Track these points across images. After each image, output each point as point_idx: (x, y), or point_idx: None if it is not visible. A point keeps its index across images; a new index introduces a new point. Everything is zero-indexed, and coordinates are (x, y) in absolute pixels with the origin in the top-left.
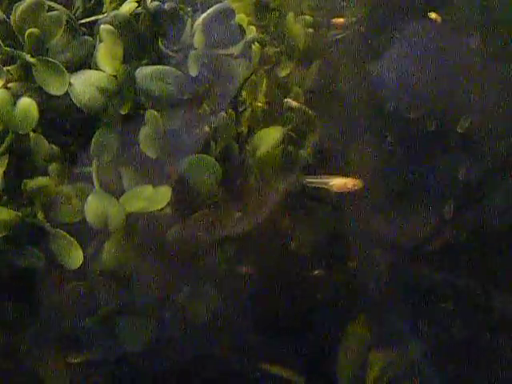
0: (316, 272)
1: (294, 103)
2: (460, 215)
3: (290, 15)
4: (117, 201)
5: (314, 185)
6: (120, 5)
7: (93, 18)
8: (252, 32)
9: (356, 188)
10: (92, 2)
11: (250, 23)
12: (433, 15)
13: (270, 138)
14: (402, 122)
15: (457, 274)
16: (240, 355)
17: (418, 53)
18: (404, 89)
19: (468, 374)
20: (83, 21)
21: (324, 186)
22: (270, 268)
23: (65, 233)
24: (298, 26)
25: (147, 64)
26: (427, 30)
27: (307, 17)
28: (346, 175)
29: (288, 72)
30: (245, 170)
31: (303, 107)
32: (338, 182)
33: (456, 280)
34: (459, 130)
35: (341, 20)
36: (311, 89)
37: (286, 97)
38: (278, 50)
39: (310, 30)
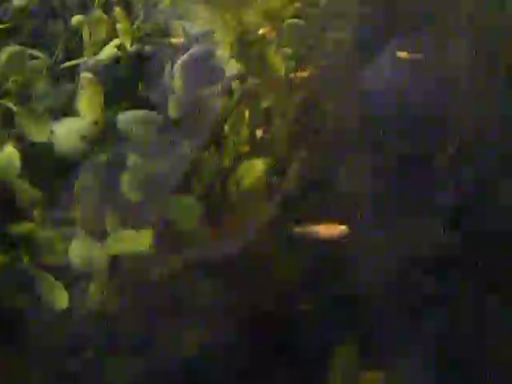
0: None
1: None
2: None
3: (272, 47)
4: (100, 244)
5: (301, 234)
6: (101, 48)
7: (74, 63)
8: (233, 67)
9: (342, 234)
10: (74, 46)
11: (232, 56)
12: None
13: (253, 170)
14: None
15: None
16: None
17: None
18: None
19: None
20: (65, 65)
21: (311, 234)
22: (257, 301)
23: (50, 275)
24: (278, 59)
25: (129, 108)
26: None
27: (288, 49)
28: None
29: (270, 104)
30: (229, 205)
31: (285, 138)
32: (324, 230)
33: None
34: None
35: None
36: (294, 119)
37: (268, 128)
38: (260, 82)
39: (292, 63)
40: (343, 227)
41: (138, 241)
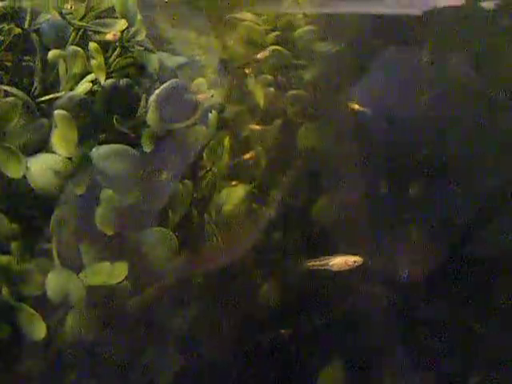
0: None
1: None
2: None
3: (251, 74)
4: (76, 276)
5: (315, 267)
6: (77, 83)
7: (50, 97)
8: (210, 97)
9: (357, 264)
10: (50, 81)
11: (211, 83)
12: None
13: (234, 196)
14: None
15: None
16: None
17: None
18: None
19: None
20: (41, 99)
21: (325, 266)
22: (237, 329)
23: (28, 307)
24: (258, 86)
25: (103, 143)
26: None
27: (268, 76)
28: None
29: (249, 131)
30: (207, 234)
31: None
32: (338, 261)
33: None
34: None
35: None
36: (273, 147)
37: (248, 156)
38: (240, 109)
39: (271, 89)
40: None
41: (113, 273)
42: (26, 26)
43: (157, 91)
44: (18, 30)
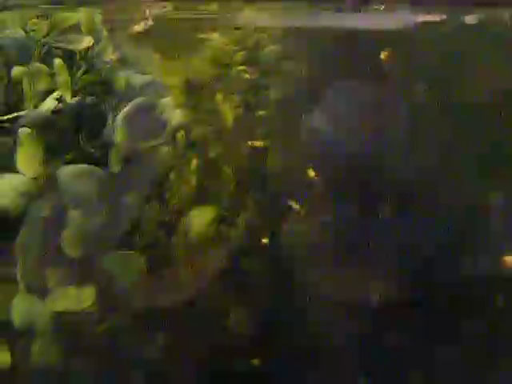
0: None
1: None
2: None
3: (219, 94)
4: (42, 301)
5: None
6: (41, 101)
7: (14, 115)
8: (179, 116)
9: None
10: (14, 99)
11: (178, 104)
12: None
13: (202, 217)
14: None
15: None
16: None
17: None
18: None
19: None
20: (4, 117)
21: None
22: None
23: None
24: (226, 106)
25: (69, 162)
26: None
27: (236, 96)
28: None
29: (218, 152)
30: (175, 255)
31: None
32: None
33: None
34: None
35: None
36: (241, 167)
37: (217, 176)
38: (208, 129)
39: (240, 109)
40: None
41: (80, 297)
42: None
43: (124, 109)
44: None
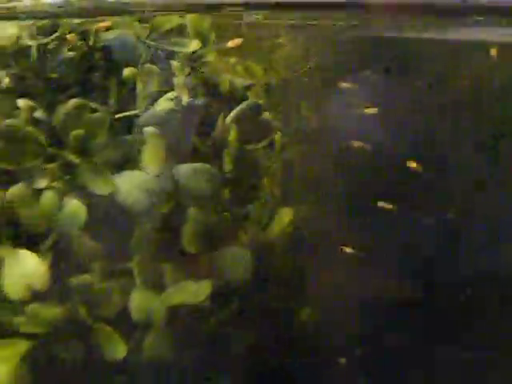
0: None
1: None
2: None
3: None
4: (159, 295)
5: None
6: (154, 100)
7: (130, 114)
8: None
9: None
10: (125, 98)
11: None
12: None
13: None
14: None
15: None
16: None
17: None
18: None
19: None
20: (119, 115)
21: None
22: None
23: (107, 327)
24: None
25: (184, 162)
26: None
27: None
28: None
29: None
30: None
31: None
32: None
33: None
34: None
35: None
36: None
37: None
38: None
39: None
40: None
41: (196, 292)
42: (91, 43)
43: (235, 110)
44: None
